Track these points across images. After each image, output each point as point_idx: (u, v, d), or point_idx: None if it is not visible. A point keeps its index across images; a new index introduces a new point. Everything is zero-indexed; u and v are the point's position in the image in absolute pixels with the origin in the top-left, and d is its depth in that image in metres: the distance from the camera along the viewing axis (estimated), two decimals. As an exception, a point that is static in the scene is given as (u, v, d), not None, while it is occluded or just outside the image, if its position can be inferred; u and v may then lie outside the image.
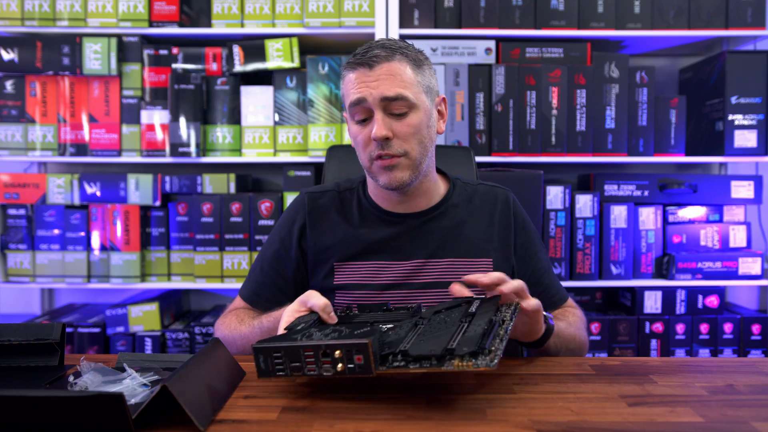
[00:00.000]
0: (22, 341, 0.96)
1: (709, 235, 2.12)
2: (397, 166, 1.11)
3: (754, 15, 2.05)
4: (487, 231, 1.22)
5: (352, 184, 1.27)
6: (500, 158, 2.04)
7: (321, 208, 1.24)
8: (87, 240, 2.05)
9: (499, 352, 0.78)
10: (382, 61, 1.10)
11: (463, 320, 0.88)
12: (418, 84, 1.12)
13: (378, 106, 1.09)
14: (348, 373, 0.79)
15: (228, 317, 1.20)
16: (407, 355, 0.80)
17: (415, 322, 0.92)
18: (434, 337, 0.83)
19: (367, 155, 1.13)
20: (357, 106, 1.11)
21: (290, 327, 0.93)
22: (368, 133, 1.11)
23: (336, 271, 1.19)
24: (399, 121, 1.10)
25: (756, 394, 0.88)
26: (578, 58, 2.08)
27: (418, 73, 1.13)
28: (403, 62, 1.11)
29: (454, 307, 0.95)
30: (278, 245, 1.25)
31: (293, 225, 1.24)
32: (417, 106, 1.12)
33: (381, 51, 1.11)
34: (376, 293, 1.17)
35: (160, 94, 2.07)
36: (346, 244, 1.20)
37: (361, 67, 1.11)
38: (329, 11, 2.02)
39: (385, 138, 1.09)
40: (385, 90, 1.09)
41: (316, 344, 0.81)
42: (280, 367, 0.82)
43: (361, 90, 1.10)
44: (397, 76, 1.10)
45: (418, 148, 1.12)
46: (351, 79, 1.12)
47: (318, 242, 1.21)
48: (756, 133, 2.06)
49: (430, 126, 1.15)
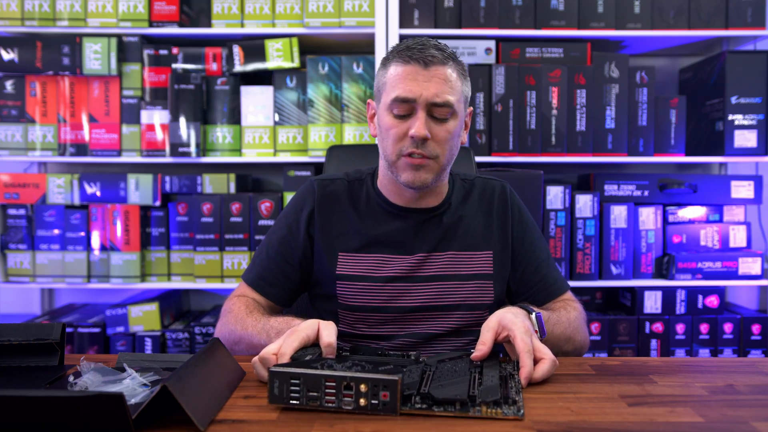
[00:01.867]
0: (22, 341, 0.96)
1: (709, 235, 2.12)
2: (425, 167, 1.13)
3: (754, 15, 2.05)
4: (487, 223, 1.24)
5: (361, 175, 1.27)
6: (500, 158, 2.04)
7: (330, 195, 1.24)
8: (87, 240, 2.05)
9: (521, 403, 0.80)
10: (437, 63, 1.11)
11: (472, 371, 0.89)
12: (461, 93, 1.15)
13: (424, 106, 1.10)
14: (370, 409, 0.77)
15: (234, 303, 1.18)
16: (430, 397, 0.79)
17: (422, 369, 0.90)
18: (450, 384, 0.83)
19: (397, 150, 1.13)
20: (403, 102, 1.11)
21: (296, 358, 0.90)
22: (405, 128, 1.12)
23: (339, 261, 1.20)
24: (438, 125, 1.12)
25: (756, 394, 0.88)
26: (578, 58, 2.08)
27: (463, 82, 1.15)
28: (453, 69, 1.13)
29: (456, 357, 0.96)
30: (285, 231, 1.23)
31: (302, 211, 1.23)
32: (457, 115, 1.14)
33: (437, 53, 1.11)
34: (378, 285, 1.18)
35: (160, 94, 2.07)
36: (352, 235, 1.21)
37: (416, 63, 1.10)
38: (329, 11, 2.02)
39: (423, 138, 1.10)
40: (436, 94, 1.10)
41: (340, 375, 0.77)
42: (296, 395, 0.78)
43: (411, 87, 1.10)
44: (448, 82, 1.11)
45: (448, 154, 1.15)
46: (401, 72, 1.12)
47: (325, 229, 1.22)
48: (756, 133, 2.06)
49: (461, 135, 1.18)
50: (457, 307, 1.19)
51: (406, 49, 1.12)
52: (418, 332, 1.19)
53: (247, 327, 1.11)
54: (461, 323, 1.20)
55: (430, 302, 1.19)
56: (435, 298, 1.19)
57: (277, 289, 1.22)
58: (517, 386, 0.87)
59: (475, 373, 0.88)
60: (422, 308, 1.19)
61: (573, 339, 1.14)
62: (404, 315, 1.19)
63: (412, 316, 1.19)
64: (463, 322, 1.20)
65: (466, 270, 1.20)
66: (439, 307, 1.19)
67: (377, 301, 1.18)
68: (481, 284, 1.21)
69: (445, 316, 1.20)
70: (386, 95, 1.14)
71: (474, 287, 1.20)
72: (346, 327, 1.22)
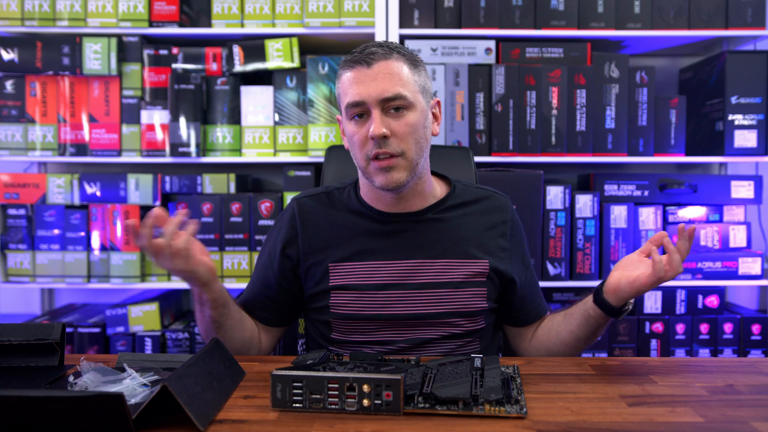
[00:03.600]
0: (22, 341, 0.96)
1: (709, 235, 2.12)
2: (395, 168, 1.11)
3: (754, 15, 2.05)
4: (485, 234, 1.22)
5: (343, 185, 1.27)
6: (500, 158, 2.04)
7: (311, 211, 1.23)
8: (87, 240, 2.05)
9: (523, 402, 0.81)
10: (380, 59, 1.11)
11: (473, 372, 0.89)
12: (415, 83, 1.13)
13: (376, 105, 1.10)
14: (373, 409, 0.77)
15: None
16: (433, 397, 0.79)
17: (423, 371, 0.90)
18: (452, 384, 0.83)
19: (364, 155, 1.13)
20: (355, 106, 1.11)
21: (297, 363, 0.90)
22: (365, 132, 1.11)
23: (331, 272, 1.19)
24: (396, 120, 1.11)
25: (756, 394, 0.88)
26: (578, 58, 2.08)
27: (414, 72, 1.14)
28: (400, 61, 1.12)
29: (456, 361, 0.96)
30: (266, 257, 1.26)
31: (279, 234, 1.24)
32: (414, 106, 1.12)
33: (378, 49, 1.12)
34: (372, 293, 1.17)
35: (160, 94, 2.07)
36: (340, 245, 1.19)
37: (359, 65, 1.12)
38: (329, 11, 2.02)
39: (383, 136, 1.09)
40: (384, 89, 1.09)
41: (342, 376, 0.78)
42: (298, 398, 0.79)
43: (359, 90, 1.10)
44: (395, 75, 1.10)
45: (415, 148, 1.12)
46: (348, 78, 1.13)
47: (311, 246, 1.21)
48: (756, 133, 2.06)
49: (426, 127, 1.16)
50: (452, 314, 1.18)
51: (350, 55, 1.14)
52: (412, 338, 1.18)
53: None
54: (456, 330, 1.19)
55: (424, 310, 1.17)
56: (429, 305, 1.17)
57: (265, 313, 1.24)
58: (519, 387, 0.87)
59: (476, 374, 0.88)
60: (415, 316, 1.17)
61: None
62: (397, 323, 1.17)
63: (405, 323, 1.17)
64: (458, 329, 1.19)
65: (460, 277, 1.18)
66: (433, 315, 1.17)
67: (370, 309, 1.17)
68: (475, 291, 1.19)
69: (440, 322, 1.18)
70: (342, 104, 1.15)
71: (468, 294, 1.18)
72: (340, 335, 1.20)
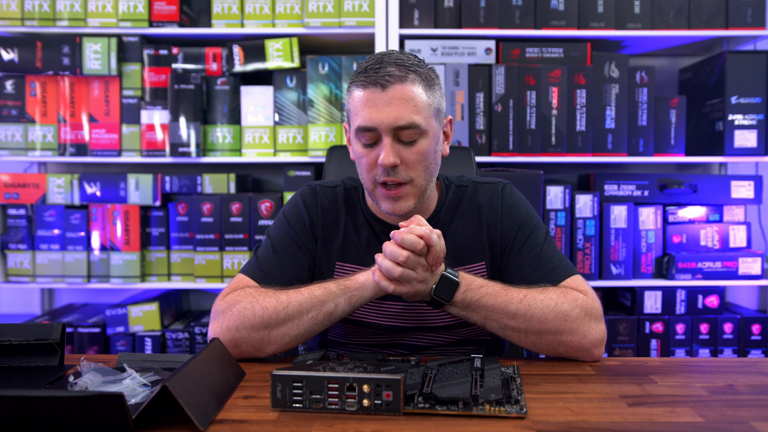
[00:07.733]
0: (22, 341, 0.96)
1: (709, 235, 2.12)
2: (402, 197, 1.09)
3: (754, 15, 2.05)
4: (477, 234, 1.18)
5: (356, 184, 1.24)
6: (500, 158, 2.04)
7: (332, 202, 1.20)
8: (87, 240, 2.05)
9: (523, 402, 0.81)
10: (395, 82, 1.05)
11: (473, 373, 0.89)
12: (429, 107, 1.08)
13: (389, 132, 1.06)
14: (373, 409, 0.77)
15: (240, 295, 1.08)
16: (433, 397, 0.79)
17: (423, 371, 0.90)
18: (452, 384, 0.83)
19: (371, 178, 1.10)
20: (366, 131, 1.07)
21: (297, 363, 0.90)
22: (374, 157, 1.07)
23: (336, 270, 1.18)
24: (407, 148, 1.07)
25: (756, 394, 0.88)
26: (578, 58, 2.08)
27: (429, 94, 1.09)
28: (416, 83, 1.06)
29: (456, 361, 0.96)
30: (296, 229, 1.18)
31: (308, 211, 1.19)
32: (427, 133, 1.08)
33: (395, 70, 1.05)
34: (374, 303, 1.15)
35: (160, 94, 2.07)
36: (348, 245, 1.19)
37: (373, 86, 1.05)
38: (329, 11, 2.02)
39: (392, 165, 1.06)
40: (399, 117, 1.04)
41: (342, 376, 0.77)
42: (298, 399, 0.79)
43: (372, 115, 1.05)
44: (410, 101, 1.05)
45: (424, 174, 1.10)
46: (360, 98, 1.07)
47: (326, 235, 1.19)
48: (756, 133, 2.06)
49: (437, 151, 1.12)
50: (451, 326, 1.16)
51: (363, 71, 1.07)
52: (413, 345, 1.17)
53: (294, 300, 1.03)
54: (457, 337, 1.18)
55: (424, 324, 1.16)
56: (430, 318, 1.16)
57: (282, 284, 1.11)
58: (519, 388, 0.87)
59: (476, 374, 0.89)
60: (416, 329, 1.16)
61: (527, 319, 1.02)
62: (398, 334, 1.17)
63: (406, 334, 1.17)
64: (459, 336, 1.18)
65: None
66: (434, 329, 1.16)
67: (369, 318, 1.16)
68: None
69: (442, 331, 1.17)
70: (352, 123, 1.10)
71: None
72: (336, 337, 1.20)
